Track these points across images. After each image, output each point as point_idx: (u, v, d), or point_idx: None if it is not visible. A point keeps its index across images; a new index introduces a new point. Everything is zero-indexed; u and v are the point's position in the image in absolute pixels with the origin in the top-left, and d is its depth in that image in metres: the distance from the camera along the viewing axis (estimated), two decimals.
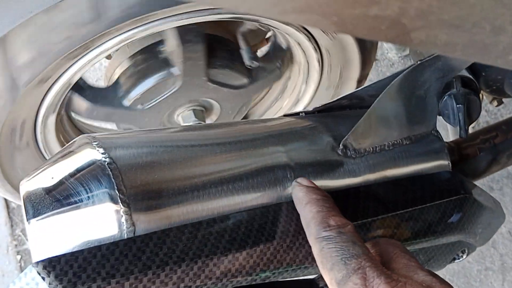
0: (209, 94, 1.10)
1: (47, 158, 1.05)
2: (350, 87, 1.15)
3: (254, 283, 0.50)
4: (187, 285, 0.45)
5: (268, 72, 1.17)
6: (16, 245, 1.79)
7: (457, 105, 0.71)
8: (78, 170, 0.48)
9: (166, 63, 1.05)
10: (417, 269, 0.47)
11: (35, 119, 0.92)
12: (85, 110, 1.07)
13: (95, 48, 0.84)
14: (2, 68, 0.79)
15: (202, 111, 1.12)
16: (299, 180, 0.55)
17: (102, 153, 0.49)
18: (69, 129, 1.13)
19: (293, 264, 0.51)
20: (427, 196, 0.64)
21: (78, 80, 0.97)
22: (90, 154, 0.49)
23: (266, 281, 0.51)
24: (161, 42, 1.06)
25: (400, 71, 0.66)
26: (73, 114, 1.14)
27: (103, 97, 1.08)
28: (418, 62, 0.65)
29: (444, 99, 0.73)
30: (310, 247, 0.51)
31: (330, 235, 0.48)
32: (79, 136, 0.54)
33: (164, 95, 1.07)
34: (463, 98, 0.72)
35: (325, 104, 0.70)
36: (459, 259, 0.73)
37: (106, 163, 0.48)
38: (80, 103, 1.06)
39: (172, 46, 1.02)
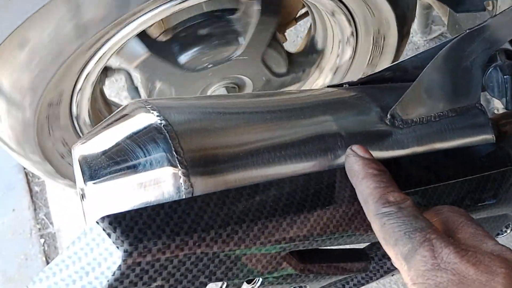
0: (253, 73, 1.11)
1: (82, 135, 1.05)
2: None
3: (310, 247, 0.50)
4: (247, 245, 0.45)
5: (302, 68, 1.18)
6: (39, 229, 1.80)
7: (504, 76, 0.70)
8: (134, 133, 0.48)
9: (234, 30, 1.06)
10: (485, 238, 0.45)
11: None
12: (141, 60, 1.07)
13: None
14: None
15: (236, 88, 1.12)
16: (354, 148, 0.53)
17: (157, 116, 0.48)
18: (101, 105, 1.13)
19: (348, 230, 0.51)
20: (475, 167, 0.64)
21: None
22: (145, 117, 0.49)
23: (320, 247, 0.51)
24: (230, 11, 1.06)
25: (447, 41, 0.65)
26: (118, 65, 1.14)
27: (160, 49, 1.08)
28: (467, 31, 0.64)
29: (489, 71, 0.72)
30: (364, 214, 0.50)
31: (391, 211, 0.46)
32: (130, 102, 0.54)
33: (222, 60, 1.07)
34: (510, 69, 0.70)
35: (369, 75, 0.70)
36: (503, 234, 0.72)
37: (162, 125, 0.47)
38: (138, 50, 1.06)
39: (248, 14, 1.03)
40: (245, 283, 0.50)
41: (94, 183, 0.47)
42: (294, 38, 1.85)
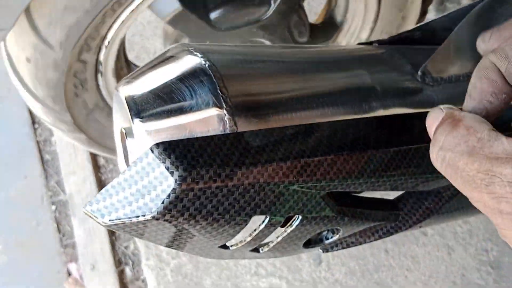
0: (277, 39, 1.12)
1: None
2: None
3: (347, 189, 0.51)
4: (291, 181, 0.46)
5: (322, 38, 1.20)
6: (51, 196, 1.82)
7: None
8: (180, 73, 0.49)
9: None
10: None
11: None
12: (172, 12, 1.08)
13: None
14: None
15: None
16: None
17: (202, 57, 0.49)
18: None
19: (383, 175, 0.52)
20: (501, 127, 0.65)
21: None
22: (190, 59, 0.50)
23: (357, 190, 0.52)
24: None
25: (478, 1, 0.66)
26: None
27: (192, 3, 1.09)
28: None
29: None
30: (399, 161, 0.52)
31: None
32: (172, 45, 0.54)
33: (250, 21, 1.09)
34: None
35: (399, 34, 0.71)
36: None
37: (207, 65, 0.48)
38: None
39: None
40: (279, 227, 0.51)
41: (141, 121, 0.48)
42: None
